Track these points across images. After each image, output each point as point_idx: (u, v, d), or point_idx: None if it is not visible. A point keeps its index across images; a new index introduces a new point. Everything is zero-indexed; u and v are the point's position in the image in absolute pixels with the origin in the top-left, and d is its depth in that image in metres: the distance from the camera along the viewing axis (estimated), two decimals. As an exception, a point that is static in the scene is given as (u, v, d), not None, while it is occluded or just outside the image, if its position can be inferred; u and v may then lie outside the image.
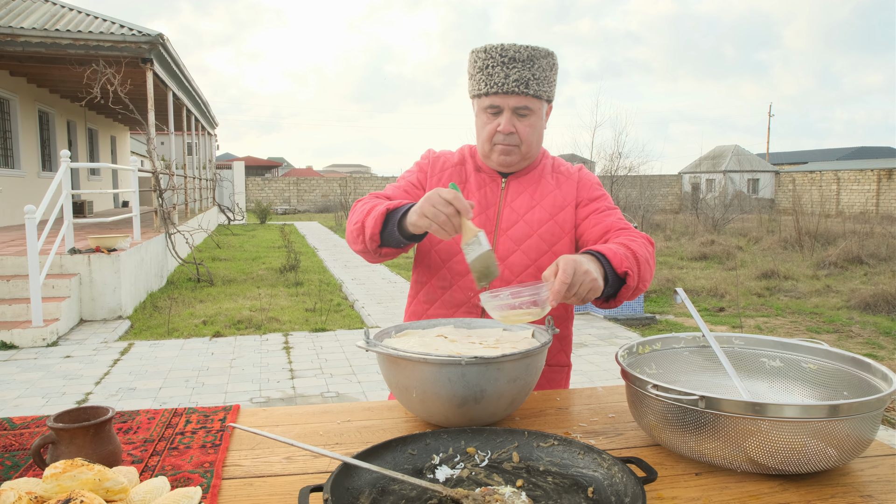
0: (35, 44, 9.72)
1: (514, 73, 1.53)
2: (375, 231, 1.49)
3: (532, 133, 1.59)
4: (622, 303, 1.48)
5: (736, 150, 37.63)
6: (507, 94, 1.54)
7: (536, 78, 1.54)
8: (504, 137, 1.58)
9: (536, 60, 1.54)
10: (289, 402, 4.86)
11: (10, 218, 12.66)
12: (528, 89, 1.54)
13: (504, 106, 1.56)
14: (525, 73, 1.53)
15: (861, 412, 0.98)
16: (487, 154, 1.64)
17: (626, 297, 1.46)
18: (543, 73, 1.56)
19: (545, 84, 1.57)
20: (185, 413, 1.35)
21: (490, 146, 1.61)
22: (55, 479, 0.82)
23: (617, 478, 0.92)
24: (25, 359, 5.95)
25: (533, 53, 1.54)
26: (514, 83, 1.53)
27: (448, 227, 1.33)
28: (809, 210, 17.60)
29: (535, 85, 1.54)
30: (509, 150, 1.59)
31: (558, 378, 1.69)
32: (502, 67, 1.53)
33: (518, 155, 1.61)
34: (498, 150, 1.60)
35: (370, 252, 1.55)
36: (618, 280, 1.42)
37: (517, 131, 1.57)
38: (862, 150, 49.68)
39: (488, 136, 1.60)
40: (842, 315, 8.10)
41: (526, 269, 1.61)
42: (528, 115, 1.57)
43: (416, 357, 1.13)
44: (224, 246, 15.86)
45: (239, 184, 29.67)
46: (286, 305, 8.51)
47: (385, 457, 0.99)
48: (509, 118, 1.56)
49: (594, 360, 6.07)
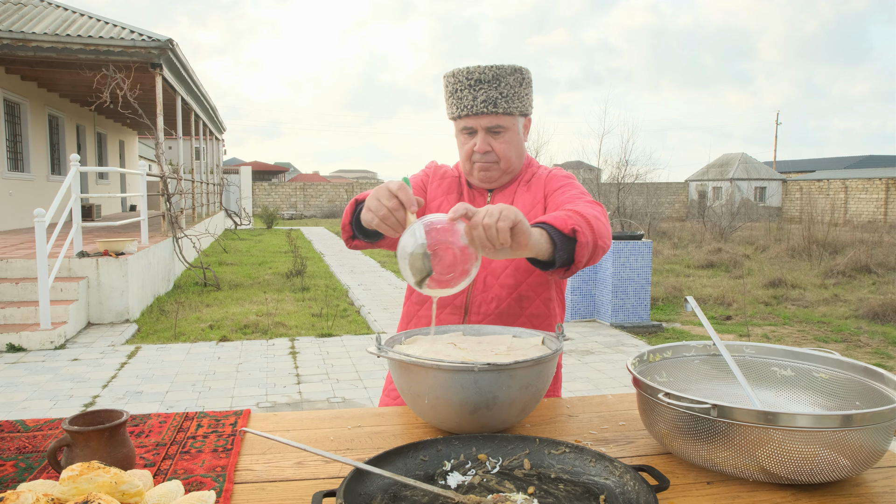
0: (46, 49, 9.81)
1: (482, 94, 1.57)
2: (346, 221, 1.54)
3: (508, 149, 1.63)
4: (583, 263, 1.39)
5: (743, 157, 37.56)
6: (477, 115, 1.59)
7: (504, 96, 1.58)
8: (481, 156, 1.63)
9: (503, 79, 1.58)
10: (295, 407, 4.87)
11: (19, 221, 12.74)
12: (497, 108, 1.58)
13: (477, 126, 1.61)
14: (492, 92, 1.57)
15: (874, 422, 0.97)
16: (469, 172, 1.69)
17: (583, 255, 1.36)
18: (512, 90, 1.59)
19: (515, 100, 1.60)
20: (197, 417, 1.36)
21: (470, 164, 1.67)
22: (72, 482, 0.83)
23: (629, 486, 0.92)
24: (33, 361, 5.98)
25: (498, 73, 1.58)
26: (482, 104, 1.57)
27: (390, 222, 1.27)
28: (818, 219, 17.52)
29: (504, 103, 1.58)
30: (488, 166, 1.64)
31: None
32: (469, 90, 1.58)
33: (497, 171, 1.65)
34: (477, 167, 1.65)
35: (346, 241, 1.61)
36: (569, 241, 1.36)
37: (493, 149, 1.62)
38: (869, 158, 49.49)
39: (467, 156, 1.66)
40: (850, 324, 8.05)
41: (504, 269, 1.65)
42: (502, 132, 1.62)
43: (429, 363, 1.14)
44: (231, 250, 15.91)
45: (246, 188, 29.78)
46: (292, 310, 8.53)
47: (397, 462, 1.00)
48: (483, 137, 1.61)
49: (601, 367, 6.05)
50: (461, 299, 1.66)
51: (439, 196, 1.74)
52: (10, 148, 12.74)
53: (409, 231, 1.24)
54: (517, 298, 1.64)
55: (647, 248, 7.86)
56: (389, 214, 1.27)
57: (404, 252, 1.22)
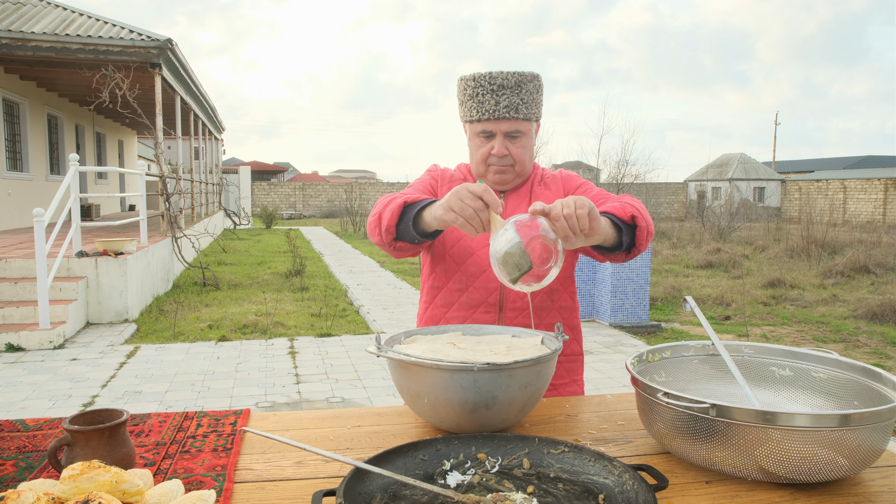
0: (45, 48, 9.80)
1: (504, 99, 1.61)
2: (392, 223, 1.51)
3: (524, 153, 1.68)
4: (644, 247, 1.53)
5: (742, 158, 37.57)
6: (498, 120, 1.63)
7: (525, 102, 1.62)
8: (498, 160, 1.66)
9: (524, 85, 1.62)
10: (294, 407, 4.87)
11: (18, 220, 12.73)
12: (518, 114, 1.62)
13: (496, 131, 1.64)
14: (514, 98, 1.61)
15: (872, 422, 0.98)
16: (483, 174, 1.72)
17: (643, 239, 1.50)
18: (531, 97, 1.64)
19: (533, 106, 1.65)
20: (196, 416, 1.36)
21: (485, 167, 1.69)
22: (73, 481, 0.83)
23: (628, 485, 0.93)
24: (32, 361, 5.98)
25: (520, 79, 1.62)
26: (504, 109, 1.61)
27: (475, 222, 1.32)
28: (817, 219, 17.54)
29: (525, 109, 1.63)
30: (504, 169, 1.68)
31: (574, 367, 1.76)
32: (492, 95, 1.61)
33: (512, 174, 1.70)
34: (493, 170, 1.68)
35: (386, 245, 1.58)
36: (629, 228, 1.49)
37: (510, 153, 1.66)
38: (868, 158, 49.52)
39: (482, 159, 1.68)
40: (848, 324, 8.06)
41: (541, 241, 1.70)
42: (520, 137, 1.66)
43: (429, 363, 1.14)
44: (230, 250, 15.91)
45: (245, 188, 29.78)
46: (292, 310, 8.53)
47: (396, 462, 1.00)
48: (502, 142, 1.64)
49: (600, 367, 6.05)
50: (495, 297, 1.69)
51: None
52: (8, 147, 12.73)
53: (501, 230, 1.27)
54: (548, 292, 1.69)
55: (646, 249, 7.87)
56: (475, 215, 1.31)
57: (502, 250, 1.25)
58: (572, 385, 1.75)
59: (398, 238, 1.54)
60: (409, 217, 1.48)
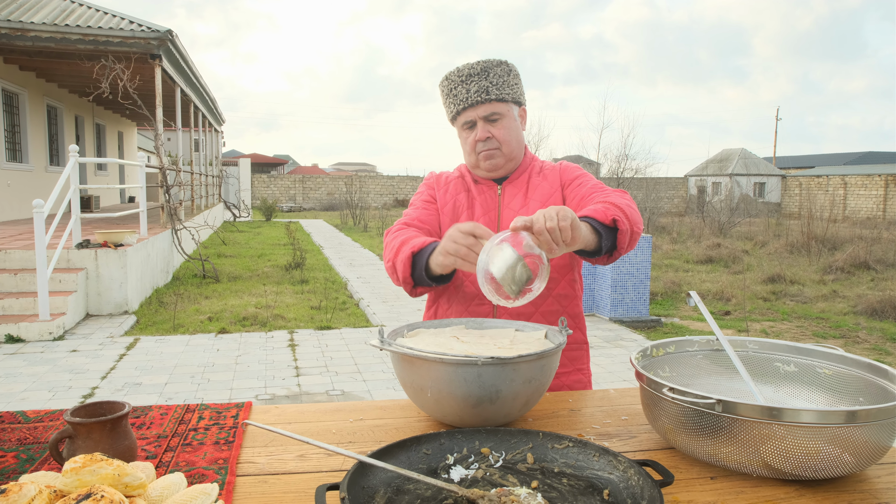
0: (45, 39, 9.76)
1: (474, 85, 1.68)
2: (406, 274, 1.58)
3: (507, 133, 1.71)
4: (625, 249, 1.53)
5: (742, 153, 37.52)
6: (473, 106, 1.69)
7: (495, 84, 1.68)
8: (483, 144, 1.71)
9: (491, 70, 1.69)
10: (294, 400, 4.87)
11: (17, 212, 12.71)
12: (490, 95, 1.68)
13: (475, 117, 1.70)
14: (483, 83, 1.68)
15: (878, 419, 0.97)
16: (475, 164, 1.76)
17: (625, 242, 1.50)
18: (501, 79, 1.69)
19: (505, 87, 1.70)
20: (198, 409, 1.36)
21: (475, 156, 1.74)
22: (75, 474, 0.83)
23: (633, 480, 0.92)
24: (32, 352, 5.98)
25: (486, 65, 1.69)
26: (475, 94, 1.68)
27: (471, 258, 1.37)
28: (817, 215, 17.53)
29: (496, 90, 1.68)
30: (491, 153, 1.72)
31: (577, 356, 1.77)
32: (462, 85, 1.70)
33: (501, 157, 1.73)
34: (482, 157, 1.72)
35: (409, 292, 1.66)
36: (610, 231, 1.50)
37: (494, 136, 1.70)
38: (869, 154, 49.46)
39: (471, 148, 1.73)
40: (848, 320, 8.07)
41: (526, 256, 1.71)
42: (499, 118, 1.70)
43: (433, 357, 1.13)
44: (230, 243, 15.89)
45: (245, 181, 29.74)
46: (291, 303, 8.53)
47: (400, 456, 0.99)
48: (482, 126, 1.70)
49: (600, 361, 6.05)
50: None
51: (449, 199, 1.79)
52: (8, 139, 12.70)
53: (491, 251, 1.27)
54: None
55: (646, 243, 7.86)
56: (470, 252, 1.37)
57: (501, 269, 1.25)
58: (576, 374, 1.75)
59: (417, 285, 1.62)
60: (420, 267, 1.55)
